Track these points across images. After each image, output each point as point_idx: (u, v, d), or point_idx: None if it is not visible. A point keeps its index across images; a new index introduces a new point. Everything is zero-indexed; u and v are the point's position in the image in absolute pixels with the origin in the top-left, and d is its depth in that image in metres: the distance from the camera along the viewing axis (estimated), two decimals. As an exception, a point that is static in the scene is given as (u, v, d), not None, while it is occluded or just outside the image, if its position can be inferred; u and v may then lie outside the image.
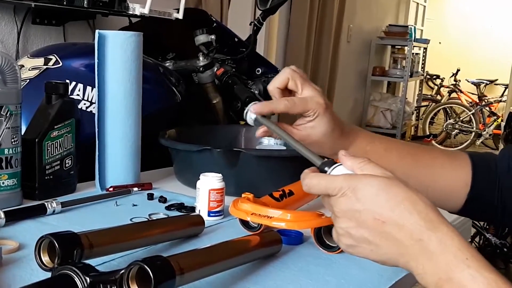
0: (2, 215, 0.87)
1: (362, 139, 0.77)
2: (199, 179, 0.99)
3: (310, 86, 0.73)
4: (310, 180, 0.58)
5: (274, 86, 0.73)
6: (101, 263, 0.71)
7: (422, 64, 6.76)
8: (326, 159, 0.60)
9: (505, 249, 3.08)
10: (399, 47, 5.99)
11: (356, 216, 0.54)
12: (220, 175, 0.99)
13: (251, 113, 0.73)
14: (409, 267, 0.54)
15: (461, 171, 0.78)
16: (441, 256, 0.51)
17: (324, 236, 0.85)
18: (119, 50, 1.09)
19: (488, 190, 0.77)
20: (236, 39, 1.78)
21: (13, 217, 0.90)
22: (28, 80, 1.29)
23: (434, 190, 0.77)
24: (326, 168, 0.59)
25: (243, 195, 0.90)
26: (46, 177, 1.04)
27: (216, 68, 1.66)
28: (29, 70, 1.32)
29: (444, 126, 7.29)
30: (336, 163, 0.60)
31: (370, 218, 0.53)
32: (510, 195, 0.75)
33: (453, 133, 7.24)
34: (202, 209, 0.98)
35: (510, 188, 0.75)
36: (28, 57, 1.39)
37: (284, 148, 1.39)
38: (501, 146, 5.47)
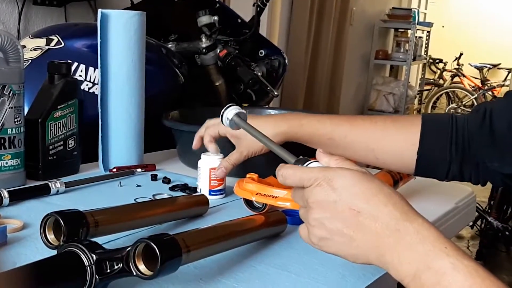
0: (6, 195, 0.87)
1: (295, 118, 0.87)
2: (198, 158, 0.99)
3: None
4: (286, 171, 0.57)
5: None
6: (106, 241, 0.71)
7: (425, 47, 6.72)
8: (300, 157, 0.60)
9: (507, 233, 3.09)
10: (402, 30, 5.95)
11: (332, 206, 0.53)
12: (221, 154, 0.99)
13: (228, 115, 0.72)
14: (383, 261, 0.52)
15: (407, 132, 0.81)
16: (419, 246, 0.50)
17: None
18: (122, 29, 1.08)
19: (439, 146, 0.80)
20: (239, 20, 1.77)
21: (17, 196, 0.90)
22: (30, 61, 1.28)
23: (381, 152, 0.83)
24: (299, 164, 0.59)
25: (247, 175, 0.90)
26: (49, 158, 1.04)
27: (219, 50, 1.65)
28: (31, 50, 1.31)
29: (446, 110, 7.27)
30: (308, 160, 0.60)
31: (346, 209, 0.53)
32: (508, 152, 0.74)
33: (455, 117, 7.22)
34: (203, 187, 0.98)
35: (509, 146, 0.75)
36: (29, 37, 1.38)
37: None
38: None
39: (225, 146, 1.02)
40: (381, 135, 0.83)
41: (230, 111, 0.72)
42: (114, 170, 1.10)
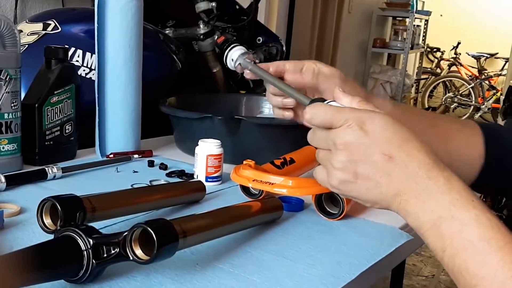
0: (3, 179, 0.87)
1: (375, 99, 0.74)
2: (195, 144, 0.99)
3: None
4: (317, 109, 0.55)
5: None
6: (102, 227, 0.72)
7: (423, 36, 6.70)
8: (316, 97, 0.58)
9: (501, 221, 3.11)
10: (401, 19, 5.92)
11: (362, 149, 0.52)
12: (219, 141, 1.00)
13: (233, 56, 0.69)
14: (405, 207, 0.52)
15: (473, 139, 0.75)
16: (447, 195, 0.50)
17: (325, 203, 0.86)
18: (119, 14, 1.07)
19: (500, 160, 0.75)
20: (237, 7, 1.76)
21: (13, 181, 0.90)
22: (26, 46, 1.28)
23: (453, 155, 0.74)
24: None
25: (244, 162, 0.90)
26: (46, 143, 1.04)
27: (216, 36, 1.64)
28: (27, 35, 1.30)
29: (443, 100, 7.28)
30: (324, 100, 0.57)
31: (377, 153, 0.52)
32: None
33: (452, 106, 7.23)
34: (200, 174, 0.98)
35: None
36: (26, 22, 1.37)
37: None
38: (499, 120, 5.47)
39: (224, 140, 1.02)
40: (456, 138, 0.75)
41: (235, 52, 0.68)
42: (111, 156, 1.10)
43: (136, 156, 1.12)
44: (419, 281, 2.75)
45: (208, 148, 0.98)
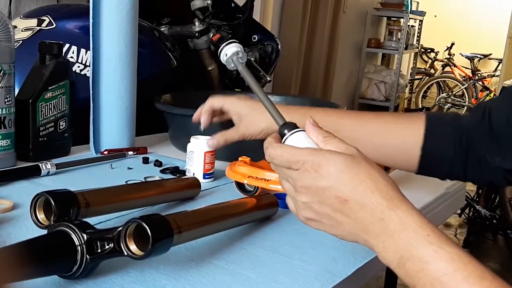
0: (-4, 175, 0.87)
1: (303, 109, 0.81)
2: (189, 141, 0.99)
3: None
4: (274, 151, 0.56)
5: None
6: (97, 223, 0.71)
7: (417, 37, 6.72)
8: (288, 122, 0.58)
9: (494, 221, 3.13)
10: (395, 19, 5.93)
11: (319, 192, 0.53)
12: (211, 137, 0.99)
13: (228, 52, 0.68)
14: (369, 245, 0.54)
15: (410, 129, 0.78)
16: (402, 234, 0.51)
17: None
18: (114, 10, 1.07)
19: (444, 143, 0.77)
20: (232, 5, 1.75)
21: (7, 177, 0.89)
22: (21, 41, 1.27)
23: (383, 146, 0.79)
24: (285, 131, 0.57)
25: (240, 159, 0.90)
26: (40, 139, 1.03)
27: (212, 34, 1.64)
28: (22, 31, 1.30)
29: (436, 100, 7.29)
30: (297, 127, 0.58)
31: (333, 196, 0.53)
32: (508, 147, 0.73)
33: (445, 107, 7.24)
34: (197, 171, 0.98)
35: (508, 140, 0.73)
36: (21, 18, 1.36)
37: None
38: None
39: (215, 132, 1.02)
40: (384, 128, 0.80)
41: (230, 48, 0.67)
42: (106, 152, 1.10)
43: (130, 153, 1.12)
44: (412, 281, 2.75)
45: (204, 145, 0.98)
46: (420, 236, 0.50)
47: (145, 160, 1.09)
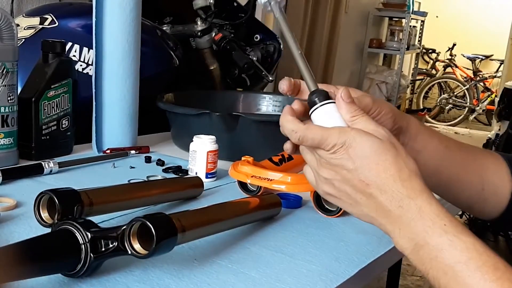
0: (-1, 173, 0.87)
1: (422, 136, 0.68)
2: (192, 141, 0.99)
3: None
4: (304, 134, 0.56)
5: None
6: (100, 221, 0.71)
7: (419, 37, 6.71)
8: (320, 89, 0.58)
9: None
10: (397, 19, 5.93)
11: (343, 172, 0.55)
12: (214, 137, 0.99)
13: None
14: (385, 230, 0.55)
15: (502, 172, 0.71)
16: (419, 222, 0.51)
17: (323, 200, 0.85)
18: (117, 9, 1.06)
19: None
20: (235, 4, 1.75)
21: (9, 175, 0.89)
22: (23, 40, 1.27)
23: (486, 187, 0.70)
24: (316, 100, 0.57)
25: (243, 158, 0.90)
26: (42, 137, 1.03)
27: (214, 33, 1.64)
28: (24, 29, 1.30)
29: (438, 101, 7.29)
30: (328, 97, 0.57)
31: (356, 178, 0.54)
32: None
33: (446, 107, 7.24)
34: (199, 171, 0.97)
35: None
36: (23, 16, 1.36)
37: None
38: (494, 121, 5.49)
39: (221, 137, 1.02)
40: (486, 175, 0.70)
41: None
42: (108, 151, 1.10)
43: (133, 152, 1.11)
44: (413, 281, 2.76)
45: (207, 144, 0.97)
46: (436, 225, 0.51)
47: (148, 159, 1.09)
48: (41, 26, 1.29)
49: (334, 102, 0.57)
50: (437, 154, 0.67)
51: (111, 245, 0.57)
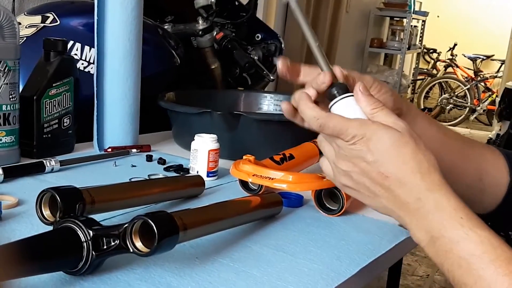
0: (1, 171, 0.87)
1: (421, 120, 0.68)
2: (193, 140, 0.99)
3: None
4: (326, 122, 0.56)
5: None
6: (101, 220, 0.71)
7: (420, 37, 6.71)
8: (340, 83, 0.58)
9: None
10: (398, 19, 5.93)
11: (362, 165, 0.55)
12: (215, 135, 0.99)
13: None
14: (402, 222, 0.56)
15: (499, 165, 0.71)
16: (436, 215, 0.52)
17: (324, 199, 0.85)
18: (119, 7, 1.07)
19: None
20: (236, 3, 1.75)
21: (11, 173, 0.89)
22: (24, 38, 1.27)
23: (484, 179, 0.71)
24: (336, 93, 0.58)
25: (244, 157, 0.90)
26: (44, 136, 1.03)
27: (215, 32, 1.64)
28: (25, 28, 1.30)
29: (438, 101, 7.29)
30: (347, 90, 0.58)
31: (375, 171, 0.54)
32: None
33: (447, 107, 7.24)
34: (201, 169, 0.97)
35: None
36: (25, 14, 1.36)
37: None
38: (494, 122, 5.49)
39: (222, 136, 1.02)
40: (485, 167, 0.71)
41: None
42: (109, 150, 1.10)
43: (134, 150, 1.12)
44: (414, 281, 2.76)
45: (208, 143, 0.98)
46: (453, 218, 0.52)
47: (149, 158, 1.09)
48: (42, 25, 1.29)
49: (353, 95, 0.58)
50: (435, 141, 0.67)
51: (113, 243, 0.57)
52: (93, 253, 0.56)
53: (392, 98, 0.64)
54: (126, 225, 0.57)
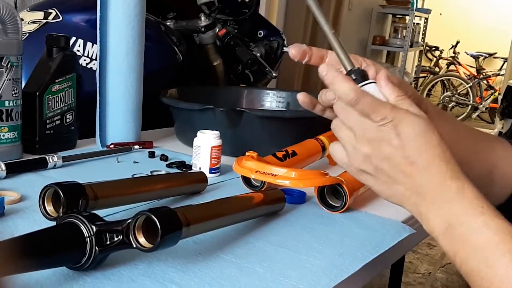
0: (3, 167, 0.87)
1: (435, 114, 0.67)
2: (196, 136, 0.99)
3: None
4: (362, 95, 0.54)
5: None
6: (104, 215, 0.71)
7: (423, 34, 6.70)
8: (357, 68, 0.57)
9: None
10: (400, 16, 5.92)
11: (387, 149, 0.54)
12: (218, 132, 0.99)
13: None
14: (418, 210, 0.54)
15: (510, 155, 0.71)
16: (458, 202, 0.52)
17: (327, 195, 0.85)
18: (121, 3, 1.06)
19: None
20: (238, 0, 1.75)
21: (14, 169, 0.89)
22: (27, 34, 1.27)
23: (494, 170, 0.71)
24: (354, 79, 0.57)
25: (247, 153, 0.90)
26: (46, 132, 1.03)
27: (217, 29, 1.63)
28: (28, 24, 1.30)
29: (441, 98, 7.28)
30: (367, 77, 0.57)
31: (400, 156, 0.53)
32: None
33: (449, 105, 7.23)
34: (203, 166, 0.97)
35: None
36: (27, 10, 1.36)
37: (286, 110, 1.38)
38: (497, 120, 5.48)
39: (225, 132, 1.02)
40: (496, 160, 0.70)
41: None
42: (112, 146, 1.10)
43: (136, 147, 1.11)
44: (415, 278, 2.76)
45: (211, 139, 0.97)
46: (474, 206, 0.51)
47: (151, 154, 1.09)
48: (45, 21, 1.29)
49: (375, 82, 0.57)
50: (446, 135, 0.66)
51: (116, 239, 0.57)
52: (97, 248, 0.56)
53: (415, 102, 0.63)
54: (129, 220, 0.57)
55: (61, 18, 1.29)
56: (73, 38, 1.25)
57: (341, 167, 0.59)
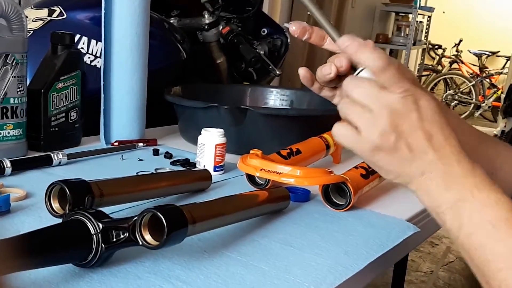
0: (9, 164, 0.87)
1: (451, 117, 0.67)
2: (200, 134, 0.99)
3: None
4: (390, 66, 0.54)
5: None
6: (109, 213, 0.71)
7: (425, 33, 6.69)
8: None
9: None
10: (403, 14, 5.90)
11: (408, 123, 0.52)
12: (222, 130, 0.99)
13: None
14: (428, 184, 0.53)
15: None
16: (471, 177, 0.52)
17: (331, 194, 0.85)
18: (126, 1, 1.06)
19: None
20: (242, -3, 1.75)
21: (19, 166, 0.90)
22: (31, 32, 1.27)
23: (499, 173, 0.72)
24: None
25: (251, 151, 0.90)
26: (51, 129, 1.03)
27: (221, 27, 1.63)
28: (32, 21, 1.30)
29: (443, 97, 7.27)
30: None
31: (420, 128, 0.53)
32: None
33: (452, 104, 7.22)
34: (207, 164, 0.98)
35: None
36: (31, 8, 1.36)
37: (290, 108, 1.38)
38: (499, 118, 5.47)
39: (229, 130, 1.02)
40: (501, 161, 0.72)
41: None
42: (116, 143, 1.10)
43: (141, 144, 1.12)
44: (418, 277, 2.76)
45: (215, 137, 0.98)
46: (486, 183, 0.52)
47: (155, 152, 1.09)
48: (49, 18, 1.29)
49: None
50: (454, 131, 0.67)
51: (122, 236, 0.57)
52: (103, 245, 0.56)
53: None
54: (135, 218, 0.57)
55: (65, 16, 1.29)
56: (78, 36, 1.25)
57: (348, 147, 0.55)
